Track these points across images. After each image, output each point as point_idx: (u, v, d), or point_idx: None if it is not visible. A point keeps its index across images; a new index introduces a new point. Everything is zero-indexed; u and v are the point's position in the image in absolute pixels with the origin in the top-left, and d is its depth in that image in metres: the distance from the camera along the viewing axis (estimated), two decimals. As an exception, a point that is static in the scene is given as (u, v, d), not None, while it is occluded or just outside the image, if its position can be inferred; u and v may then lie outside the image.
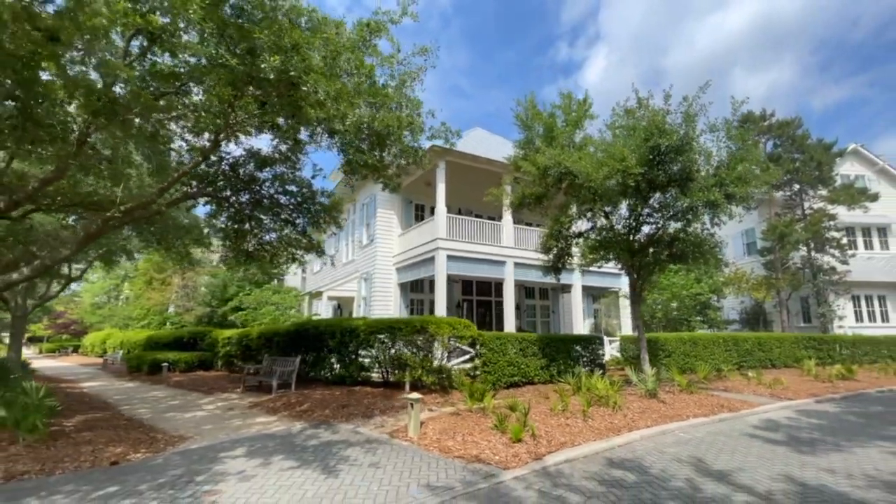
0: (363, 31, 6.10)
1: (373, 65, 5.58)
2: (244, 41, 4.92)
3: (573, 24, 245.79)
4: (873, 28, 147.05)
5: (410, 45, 5.67)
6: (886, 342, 17.61)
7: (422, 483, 4.52)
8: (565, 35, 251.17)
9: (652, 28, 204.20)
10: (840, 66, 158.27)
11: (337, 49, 5.20)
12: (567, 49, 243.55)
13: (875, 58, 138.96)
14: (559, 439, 5.94)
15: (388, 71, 5.71)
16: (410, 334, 9.11)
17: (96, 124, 5.89)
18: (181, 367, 15.69)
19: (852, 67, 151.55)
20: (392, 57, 5.62)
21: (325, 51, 5.17)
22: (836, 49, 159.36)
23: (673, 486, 4.61)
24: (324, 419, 7.34)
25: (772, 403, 9.16)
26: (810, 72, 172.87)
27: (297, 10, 5.24)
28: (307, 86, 4.99)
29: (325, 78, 4.98)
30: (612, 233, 9.52)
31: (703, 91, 7.93)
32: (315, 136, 7.74)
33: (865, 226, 24.76)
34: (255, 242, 11.32)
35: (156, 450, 5.67)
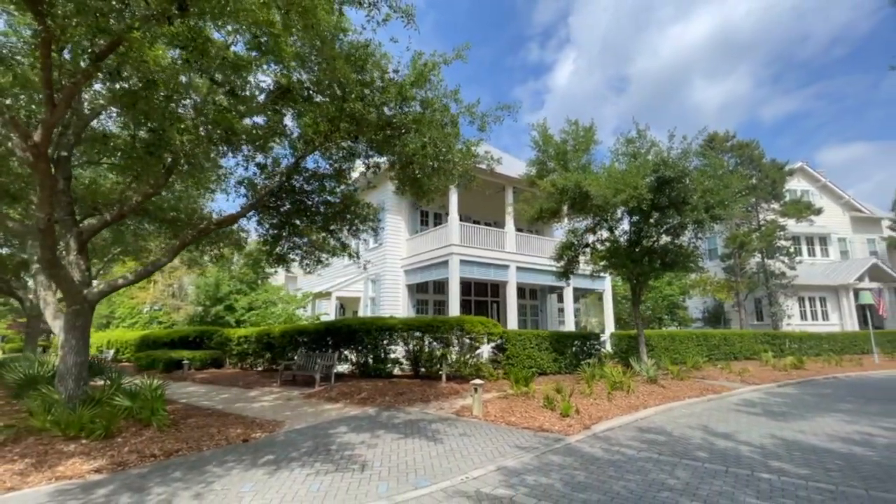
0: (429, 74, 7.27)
1: (457, 113, 6.78)
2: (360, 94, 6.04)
3: (544, 26, 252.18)
4: (821, 45, 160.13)
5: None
6: (827, 338, 20.41)
7: (510, 445, 5.83)
8: (536, 37, 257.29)
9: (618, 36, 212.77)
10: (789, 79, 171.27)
11: (431, 100, 6.38)
12: (538, 50, 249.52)
13: (821, 73, 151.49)
14: (596, 414, 7.40)
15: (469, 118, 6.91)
16: (448, 332, 10.36)
17: (212, 149, 6.81)
18: (196, 365, 16.16)
19: (800, 81, 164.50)
20: (473, 106, 6.83)
21: (424, 100, 6.35)
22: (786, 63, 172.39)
23: (694, 443, 6.15)
24: (389, 405, 8.49)
25: (744, 387, 11.06)
26: (763, 83, 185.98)
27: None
28: (411, 131, 6.14)
29: (429, 125, 6.16)
30: (617, 245, 11.15)
31: (701, 135, 9.66)
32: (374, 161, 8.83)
33: (809, 235, 28.11)
34: (287, 246, 12.19)
35: (269, 430, 6.67)
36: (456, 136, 6.83)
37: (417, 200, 10.57)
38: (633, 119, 10.03)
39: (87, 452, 5.43)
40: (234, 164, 9.25)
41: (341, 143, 7.62)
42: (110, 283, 7.28)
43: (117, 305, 30.91)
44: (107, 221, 7.23)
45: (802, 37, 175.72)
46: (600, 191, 9.40)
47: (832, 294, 25.49)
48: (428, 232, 16.91)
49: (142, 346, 21.26)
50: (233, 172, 9.38)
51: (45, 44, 4.49)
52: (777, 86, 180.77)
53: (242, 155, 8.87)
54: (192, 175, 7.41)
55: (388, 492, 4.29)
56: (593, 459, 5.34)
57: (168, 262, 7.90)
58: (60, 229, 6.80)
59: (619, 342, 15.10)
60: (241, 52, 6.12)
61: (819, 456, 5.57)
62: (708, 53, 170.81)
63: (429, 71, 6.08)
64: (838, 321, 25.06)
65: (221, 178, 9.92)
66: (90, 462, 5.13)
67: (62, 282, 6.42)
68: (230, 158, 9.20)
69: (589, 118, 18.22)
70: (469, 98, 7.74)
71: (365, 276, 18.58)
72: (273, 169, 8.97)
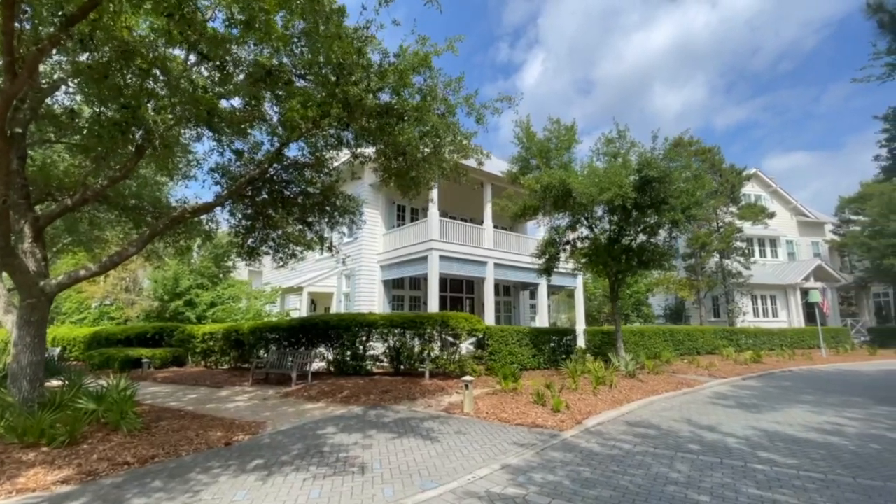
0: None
1: (455, 104, 6.57)
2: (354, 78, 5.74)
3: (514, 26, 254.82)
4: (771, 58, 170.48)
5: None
6: (779, 334, 21.74)
7: (508, 442, 5.76)
8: (506, 36, 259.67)
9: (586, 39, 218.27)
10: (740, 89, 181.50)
11: (432, 87, 6.16)
12: (507, 50, 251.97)
13: (769, 86, 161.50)
14: (584, 409, 7.46)
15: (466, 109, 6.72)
16: (432, 328, 10.19)
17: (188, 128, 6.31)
18: (156, 364, 15.19)
19: (750, 92, 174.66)
20: (471, 97, 6.65)
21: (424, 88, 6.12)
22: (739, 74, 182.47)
23: (684, 436, 6.31)
24: (375, 403, 8.23)
25: (713, 381, 11.54)
26: (717, 92, 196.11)
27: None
28: (409, 119, 5.90)
29: (428, 113, 5.94)
30: (597, 242, 11.35)
31: (683, 136, 9.93)
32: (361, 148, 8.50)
33: (761, 238, 29.85)
34: (260, 238, 11.63)
35: (252, 432, 6.28)
36: (455, 127, 6.64)
37: (403, 194, 10.29)
38: (613, 119, 10.42)
39: (50, 461, 4.90)
40: (209, 149, 8.66)
41: (329, 131, 7.26)
42: (71, 274, 6.62)
43: (63, 300, 28.66)
44: (67, 207, 6.55)
45: (754, 50, 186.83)
46: (585, 189, 9.50)
47: (781, 293, 27.20)
48: (406, 227, 16.64)
49: (93, 344, 19.81)
50: (206, 158, 8.79)
51: (9, 5, 3.96)
52: (729, 96, 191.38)
53: (218, 139, 8.34)
54: (165, 158, 6.84)
55: (394, 495, 4.10)
56: (593, 455, 5.34)
57: (137, 253, 7.29)
58: (14, 215, 6.10)
59: (593, 338, 15.44)
60: (221, 28, 5.70)
61: (801, 446, 5.83)
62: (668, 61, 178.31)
63: (430, 57, 5.85)
64: (786, 318, 26.78)
65: (192, 164, 9.27)
66: (55, 472, 4.62)
67: (16, 272, 5.77)
68: (204, 143, 8.67)
69: (560, 118, 18.33)
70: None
71: (338, 271, 18.09)
72: (252, 155, 8.47)
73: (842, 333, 23.82)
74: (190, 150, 8.84)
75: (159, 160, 7.13)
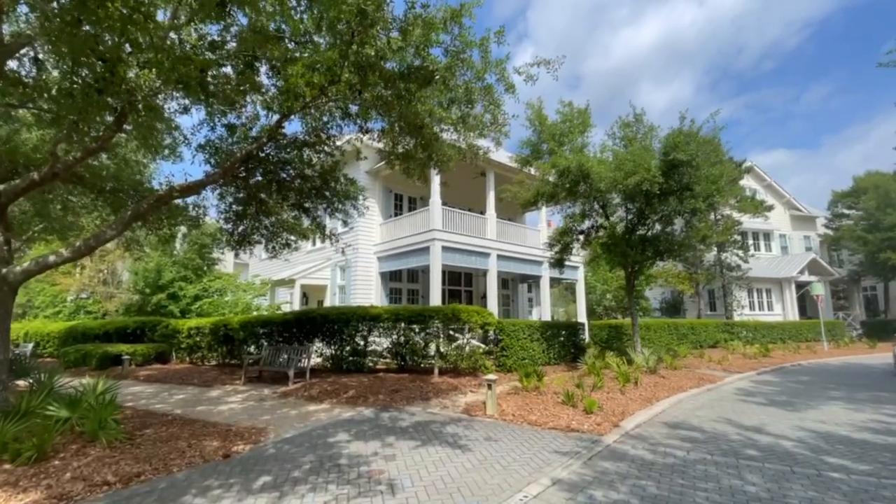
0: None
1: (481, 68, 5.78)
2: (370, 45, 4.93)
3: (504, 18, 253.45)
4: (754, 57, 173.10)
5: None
6: (777, 327, 21.63)
7: (548, 450, 5.10)
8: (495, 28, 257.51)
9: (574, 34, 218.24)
10: (725, 87, 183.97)
11: (467, 42, 5.34)
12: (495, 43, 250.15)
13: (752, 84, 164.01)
14: (616, 410, 6.86)
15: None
16: (443, 322, 9.49)
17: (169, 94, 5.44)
18: (137, 361, 14.17)
19: (734, 90, 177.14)
20: (501, 62, 5.88)
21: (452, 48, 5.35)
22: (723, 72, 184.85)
23: (734, 439, 5.74)
24: (385, 404, 7.50)
25: (730, 376, 11.11)
26: (702, 90, 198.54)
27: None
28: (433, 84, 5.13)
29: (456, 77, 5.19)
30: (613, 231, 10.76)
31: (713, 118, 9.35)
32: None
33: (755, 231, 29.81)
34: (251, 225, 10.76)
35: (253, 441, 5.51)
36: (491, 92, 5.87)
37: (407, 176, 9.56)
38: (629, 103, 10.05)
39: (13, 482, 4.07)
40: (198, 123, 7.74)
41: (335, 103, 6.44)
42: (38, 261, 5.73)
43: (36, 293, 27.10)
44: (34, 181, 5.64)
45: (739, 49, 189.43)
46: (609, 173, 8.87)
47: (776, 286, 27.19)
48: (405, 216, 15.86)
49: (68, 340, 18.64)
50: (195, 133, 7.87)
51: None
52: (714, 93, 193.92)
53: (209, 112, 7.44)
54: (148, 130, 5.94)
55: (438, 522, 3.41)
56: (648, 465, 4.73)
57: (116, 236, 6.39)
58: (-32, 189, 5.18)
59: (600, 332, 14.95)
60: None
61: (863, 448, 5.31)
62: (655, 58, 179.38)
63: (469, 6, 5.07)
64: (781, 311, 26.79)
65: (179, 142, 8.33)
66: (20, 496, 3.80)
67: (-28, 257, 4.87)
68: (192, 116, 7.75)
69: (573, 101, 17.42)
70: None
71: (332, 262, 17.22)
72: (247, 128, 7.61)
73: (837, 327, 23.90)
74: (176, 125, 7.90)
75: (141, 132, 6.23)
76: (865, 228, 25.32)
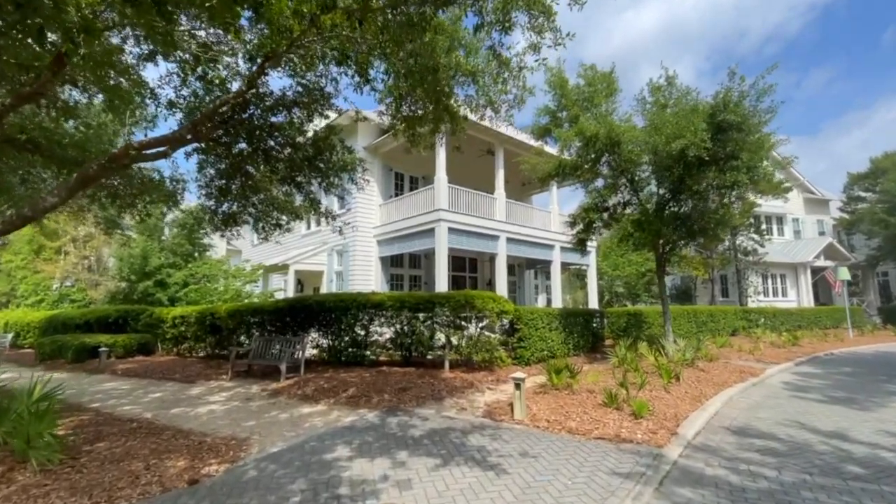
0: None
1: None
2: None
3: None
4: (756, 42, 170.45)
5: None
6: (796, 313, 20.68)
7: (602, 469, 4.02)
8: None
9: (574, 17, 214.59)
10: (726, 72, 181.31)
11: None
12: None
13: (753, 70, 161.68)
14: (667, 412, 5.79)
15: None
16: (456, 310, 8.37)
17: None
18: (118, 353, 13.04)
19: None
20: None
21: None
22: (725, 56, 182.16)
23: (821, 450, 4.68)
24: (392, 405, 6.40)
25: (769, 367, 10.08)
26: (703, 75, 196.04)
27: None
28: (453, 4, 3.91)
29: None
30: (645, 208, 9.61)
31: (770, 72, 8.12)
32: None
33: (768, 215, 28.72)
34: (237, 203, 9.57)
35: (230, 459, 4.40)
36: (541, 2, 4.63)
37: (415, 145, 8.37)
38: (661, 63, 9.23)
39: None
40: (167, 73, 6.49)
41: (331, 39, 5.21)
42: (-42, 235, 4.56)
43: (18, 281, 25.85)
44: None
45: (741, 33, 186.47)
46: (647, 138, 7.69)
47: (791, 271, 26.21)
48: (408, 196, 14.66)
49: (49, 330, 17.52)
50: (162, 86, 6.61)
51: None
52: (715, 78, 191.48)
53: (178, 60, 6.18)
54: (98, 68, 4.73)
55: None
56: (739, 491, 3.65)
57: (59, 204, 5.20)
58: None
59: (618, 320, 13.88)
60: None
61: None
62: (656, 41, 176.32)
63: None
64: (795, 297, 25.86)
65: (144, 95, 7.04)
66: None
67: None
68: (160, 66, 6.49)
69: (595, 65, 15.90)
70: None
71: (328, 247, 16.03)
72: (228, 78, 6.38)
73: (858, 314, 22.97)
74: (137, 75, 6.61)
75: (93, 72, 4.99)
76: (886, 210, 24.24)
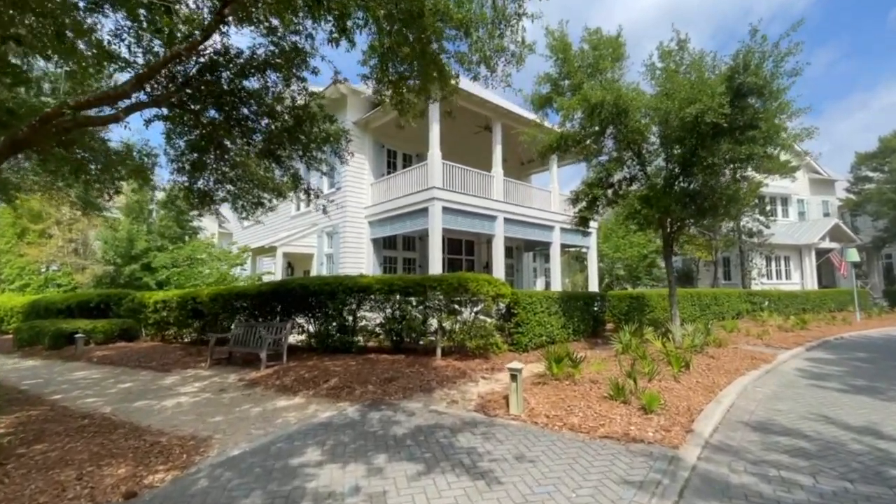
0: None
1: None
2: None
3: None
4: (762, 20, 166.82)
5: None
6: (801, 296, 20.17)
7: (612, 478, 3.46)
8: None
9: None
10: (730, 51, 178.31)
11: None
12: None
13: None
14: (679, 405, 5.23)
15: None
16: (449, 293, 7.76)
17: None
18: (98, 339, 12.48)
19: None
20: None
21: None
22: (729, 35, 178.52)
23: (856, 450, 4.13)
24: (376, 398, 5.84)
25: (780, 353, 9.54)
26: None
27: None
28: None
29: None
30: (653, 183, 8.92)
31: (795, 29, 7.31)
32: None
33: (773, 196, 27.98)
34: (213, 179, 8.87)
35: (181, 464, 3.83)
36: None
37: (404, 113, 7.62)
38: (672, 26, 8.50)
39: None
40: (117, 26, 5.71)
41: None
42: None
43: (3, 265, 25.18)
44: None
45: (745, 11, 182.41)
46: (659, 104, 6.97)
47: (795, 253, 25.65)
48: (400, 174, 13.92)
49: (31, 315, 16.95)
50: (113, 42, 5.84)
51: None
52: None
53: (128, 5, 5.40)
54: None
55: None
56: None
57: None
58: None
59: (619, 303, 13.33)
60: None
61: None
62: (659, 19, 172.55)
63: None
64: (799, 280, 25.36)
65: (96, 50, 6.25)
66: None
67: None
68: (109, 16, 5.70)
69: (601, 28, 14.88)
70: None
71: (318, 228, 15.35)
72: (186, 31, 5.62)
73: (864, 297, 22.49)
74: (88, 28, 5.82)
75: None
76: (895, 190, 23.55)
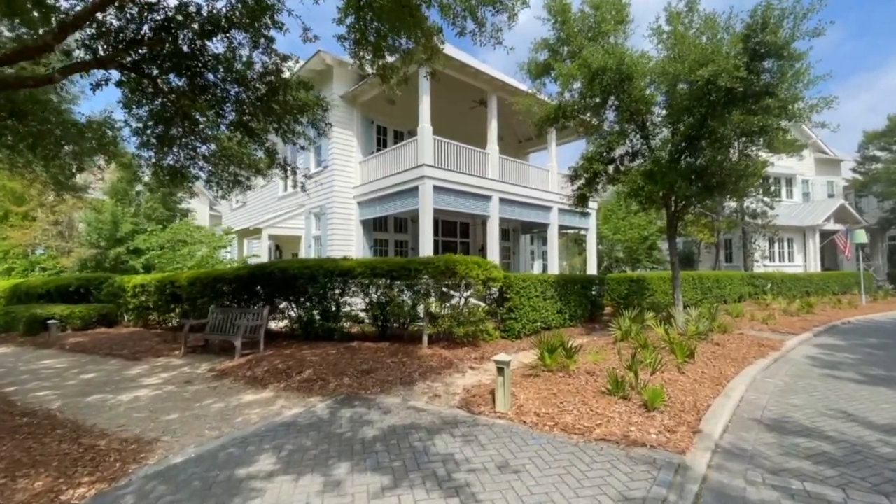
0: None
1: None
2: None
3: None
4: None
5: None
6: (804, 279, 19.69)
7: (607, 493, 2.94)
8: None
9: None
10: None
11: None
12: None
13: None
14: (684, 400, 4.72)
15: None
16: (435, 277, 7.19)
17: None
18: (75, 325, 11.98)
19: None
20: None
21: None
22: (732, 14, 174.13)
23: (887, 453, 3.64)
24: (350, 392, 5.32)
25: (788, 339, 9.05)
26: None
27: None
28: None
29: None
30: (657, 157, 8.26)
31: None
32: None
33: (777, 176, 27.23)
34: (184, 154, 8.23)
35: (109, 475, 3.31)
36: None
37: (387, 81, 6.95)
38: None
39: None
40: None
41: None
42: None
43: (-13, 248, 24.58)
44: None
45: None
46: (668, 66, 6.28)
47: (799, 235, 25.07)
48: (390, 150, 13.19)
49: (12, 300, 16.42)
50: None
51: None
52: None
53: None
54: None
55: None
56: (802, 532, 2.58)
57: None
58: None
59: (618, 286, 12.80)
60: None
61: None
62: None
63: None
64: (802, 262, 24.84)
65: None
66: None
67: None
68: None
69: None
70: None
71: (306, 209, 14.71)
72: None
73: (869, 279, 22.00)
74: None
75: None
76: (905, 170, 22.83)
